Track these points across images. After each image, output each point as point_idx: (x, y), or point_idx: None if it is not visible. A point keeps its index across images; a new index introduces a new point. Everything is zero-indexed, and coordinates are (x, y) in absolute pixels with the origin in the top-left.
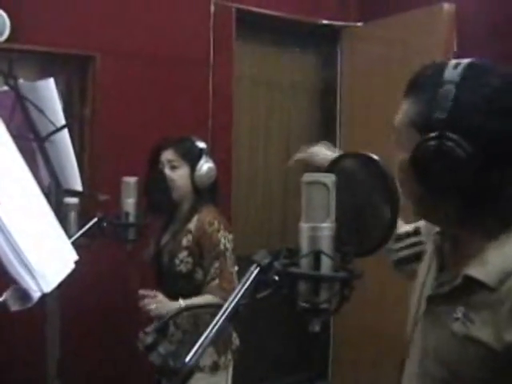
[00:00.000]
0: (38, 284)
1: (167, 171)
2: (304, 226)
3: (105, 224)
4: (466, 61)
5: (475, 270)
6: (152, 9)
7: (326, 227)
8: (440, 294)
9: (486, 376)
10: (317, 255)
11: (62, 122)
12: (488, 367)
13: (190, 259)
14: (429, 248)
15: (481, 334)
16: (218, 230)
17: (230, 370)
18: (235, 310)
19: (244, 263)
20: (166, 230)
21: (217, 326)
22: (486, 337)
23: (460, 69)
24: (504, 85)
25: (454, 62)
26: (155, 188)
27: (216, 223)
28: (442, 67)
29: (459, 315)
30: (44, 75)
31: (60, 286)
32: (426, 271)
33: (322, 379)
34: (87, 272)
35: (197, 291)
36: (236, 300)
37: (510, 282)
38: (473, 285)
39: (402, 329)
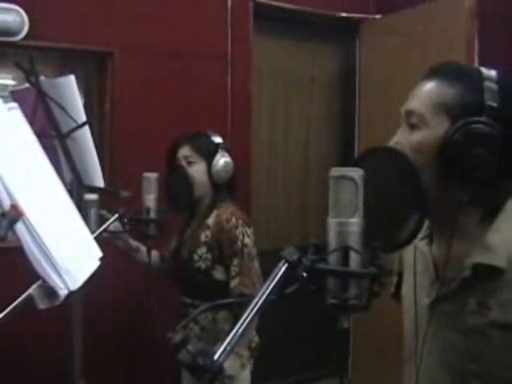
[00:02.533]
0: (64, 282)
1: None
2: (332, 221)
3: (126, 220)
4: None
5: (482, 257)
6: (169, 4)
7: (354, 222)
8: (446, 293)
9: None
10: (345, 251)
11: (83, 118)
12: None
13: (209, 256)
14: (406, 258)
15: (502, 316)
16: (236, 227)
17: (249, 367)
18: (263, 306)
19: (265, 256)
20: (187, 226)
21: (245, 323)
22: (508, 316)
23: (493, 71)
24: None
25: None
26: (176, 184)
27: (233, 219)
28: (471, 66)
29: (473, 307)
30: (62, 72)
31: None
32: (412, 281)
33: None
34: (108, 268)
35: (214, 289)
36: (264, 296)
37: None
38: (483, 272)
39: None
